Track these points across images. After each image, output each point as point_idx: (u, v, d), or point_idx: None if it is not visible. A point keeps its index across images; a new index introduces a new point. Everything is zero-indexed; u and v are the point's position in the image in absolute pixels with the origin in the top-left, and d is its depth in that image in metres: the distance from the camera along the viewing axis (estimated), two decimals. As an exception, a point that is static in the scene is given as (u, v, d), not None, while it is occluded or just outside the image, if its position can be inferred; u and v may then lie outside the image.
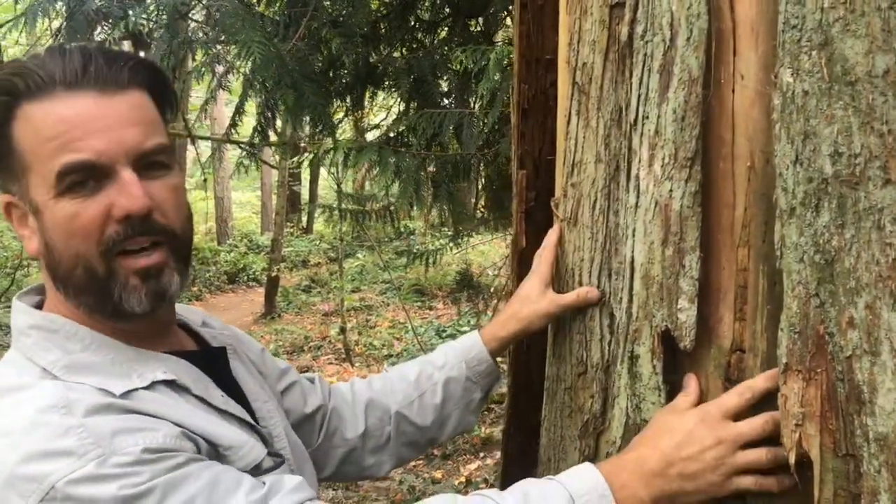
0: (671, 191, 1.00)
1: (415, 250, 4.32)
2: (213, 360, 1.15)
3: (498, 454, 5.36)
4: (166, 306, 1.04)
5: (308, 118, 2.35)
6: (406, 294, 12.18)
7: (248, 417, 1.08)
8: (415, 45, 2.81)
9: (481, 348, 1.40)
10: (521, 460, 1.71)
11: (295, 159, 3.07)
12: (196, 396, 1.02)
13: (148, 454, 0.86)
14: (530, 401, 1.66)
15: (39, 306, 1.04)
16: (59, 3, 4.02)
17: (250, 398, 1.16)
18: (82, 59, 0.95)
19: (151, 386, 0.97)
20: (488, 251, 13.11)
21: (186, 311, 1.23)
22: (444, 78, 2.73)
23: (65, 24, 4.56)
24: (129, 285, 0.98)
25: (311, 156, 2.82)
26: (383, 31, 2.58)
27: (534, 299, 1.33)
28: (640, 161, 1.05)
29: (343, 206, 4.01)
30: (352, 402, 1.41)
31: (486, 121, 2.16)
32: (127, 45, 5.41)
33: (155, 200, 0.97)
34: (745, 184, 0.99)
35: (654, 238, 1.03)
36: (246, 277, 14.50)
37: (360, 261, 15.24)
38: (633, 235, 1.07)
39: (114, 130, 0.95)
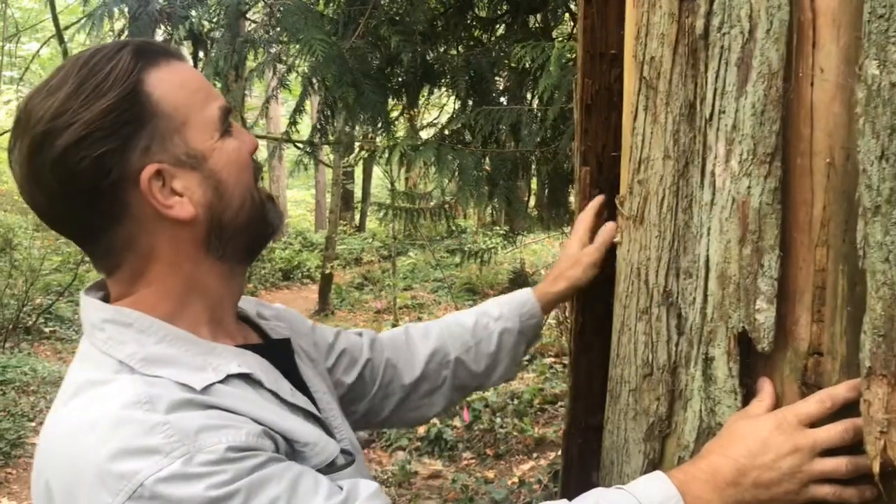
0: (749, 187, 0.96)
1: (465, 248, 4.30)
2: (276, 352, 1.15)
3: (551, 455, 5.32)
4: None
5: (367, 116, 2.36)
6: (458, 293, 12.19)
7: (314, 409, 1.08)
8: (472, 43, 2.79)
9: (534, 303, 1.49)
10: (581, 462, 1.68)
11: (352, 157, 3.08)
12: (268, 390, 1.01)
13: (232, 452, 0.85)
14: (591, 402, 1.64)
15: (104, 301, 1.03)
16: (123, 5, 4.11)
17: (311, 389, 1.16)
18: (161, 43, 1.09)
19: (227, 380, 0.96)
20: (540, 250, 13.05)
21: (242, 301, 1.23)
22: (502, 75, 2.71)
23: (128, 24, 4.66)
24: (268, 207, 1.07)
25: (368, 154, 2.82)
26: (440, 28, 2.57)
27: (576, 255, 1.46)
28: (715, 157, 1.02)
29: (397, 203, 4.01)
30: (406, 348, 1.45)
31: (544, 118, 2.14)
32: (187, 45, 5.52)
33: None
34: (824, 181, 0.96)
35: (730, 236, 0.99)
36: (300, 274, 14.69)
37: (411, 259, 15.31)
38: (709, 234, 1.04)
39: None
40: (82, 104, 0.90)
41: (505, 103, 2.52)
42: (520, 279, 11.05)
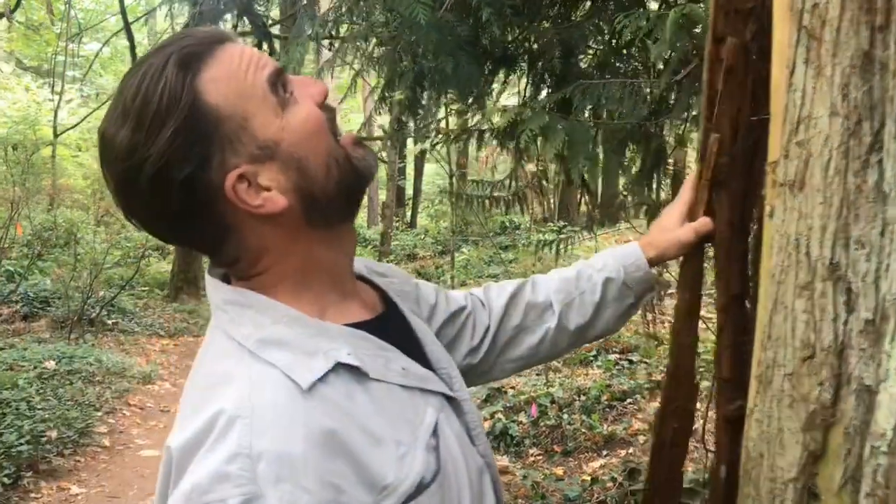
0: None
1: (534, 241, 4.18)
2: (391, 319, 1.16)
3: (622, 452, 5.17)
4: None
5: (461, 88, 2.28)
6: (514, 288, 12.03)
7: (431, 385, 1.07)
8: (559, 20, 2.67)
9: (640, 255, 1.45)
10: (674, 446, 1.57)
11: (428, 143, 2.97)
12: (375, 380, 0.98)
13: None
14: (690, 386, 1.53)
15: (226, 279, 1.06)
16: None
17: (424, 344, 1.16)
18: (210, 28, 1.01)
19: (336, 370, 0.94)
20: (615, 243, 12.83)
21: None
22: (596, 48, 2.58)
23: (197, 14, 4.65)
24: (358, 155, 1.03)
25: (450, 136, 2.73)
26: (539, 3, 2.46)
27: (673, 227, 1.42)
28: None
29: (470, 192, 3.92)
30: (513, 301, 1.45)
31: (652, 90, 2.01)
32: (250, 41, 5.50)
33: None
34: None
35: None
36: (355, 270, 14.72)
37: (465, 255, 15.25)
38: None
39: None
40: (148, 137, 0.90)
41: (597, 77, 2.39)
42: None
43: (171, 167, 0.91)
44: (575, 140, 1.96)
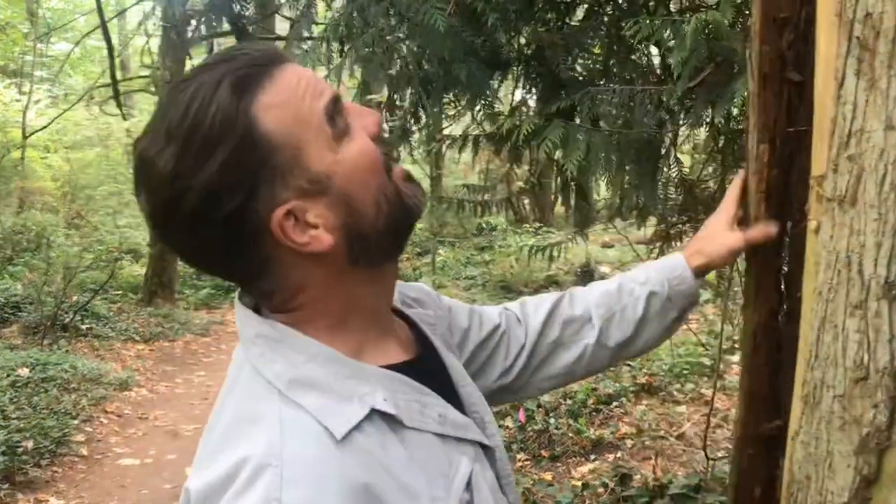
0: None
1: (532, 244, 4.16)
2: (427, 359, 1.10)
3: (610, 457, 5.15)
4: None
5: (470, 95, 2.24)
6: (492, 290, 12.06)
7: (471, 435, 1.02)
8: (558, 23, 2.64)
9: (685, 267, 1.40)
10: (754, 475, 1.52)
11: (434, 143, 2.90)
12: (410, 428, 0.93)
13: None
14: (767, 410, 1.48)
15: (255, 308, 0.99)
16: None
17: (458, 385, 1.11)
18: (266, 45, 0.95)
19: (371, 416, 0.89)
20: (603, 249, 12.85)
21: None
22: (595, 53, 2.54)
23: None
24: (408, 191, 0.98)
25: (446, 141, 2.69)
26: (539, 7, 2.42)
27: (721, 234, 1.38)
28: None
29: (461, 196, 3.88)
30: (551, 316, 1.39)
31: (664, 98, 1.98)
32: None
33: None
34: None
35: None
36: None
37: (441, 256, 15.21)
38: None
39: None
40: (195, 165, 0.84)
41: (597, 83, 2.36)
42: (587, 276, 10.75)
43: (217, 198, 0.85)
44: (594, 149, 1.92)
